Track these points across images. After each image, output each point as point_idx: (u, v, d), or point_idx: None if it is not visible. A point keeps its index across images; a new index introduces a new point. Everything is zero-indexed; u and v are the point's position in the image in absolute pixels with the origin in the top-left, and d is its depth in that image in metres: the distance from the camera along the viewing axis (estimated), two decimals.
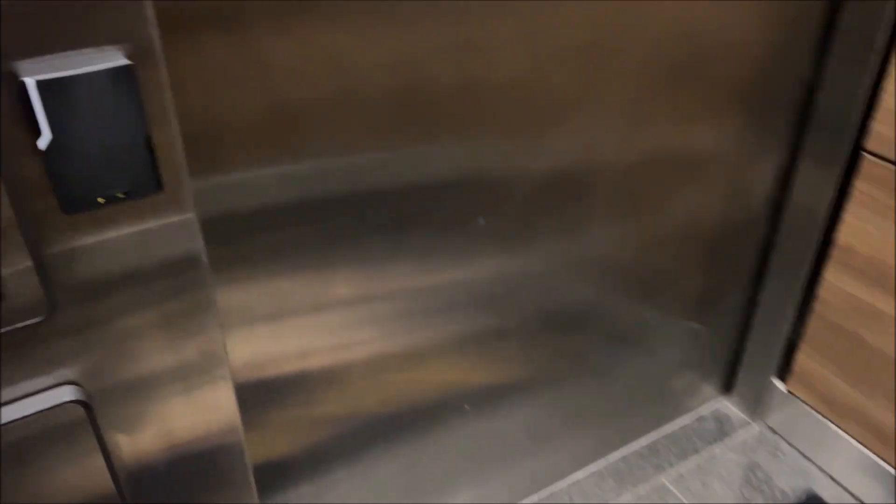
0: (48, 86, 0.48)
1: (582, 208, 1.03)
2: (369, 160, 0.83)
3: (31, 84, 0.48)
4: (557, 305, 1.11)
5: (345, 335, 0.94)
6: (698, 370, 1.41)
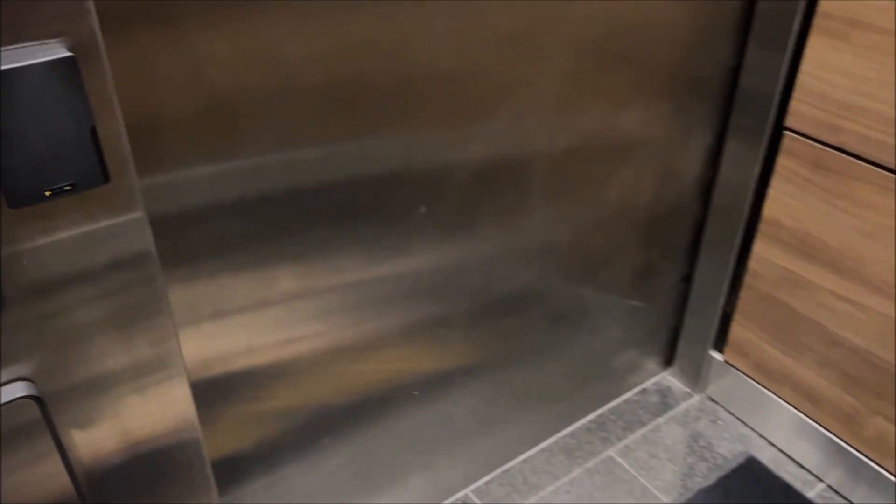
0: None
1: (519, 194, 1.06)
2: (308, 154, 0.83)
3: None
4: (500, 290, 1.13)
5: (291, 329, 0.94)
6: (640, 346, 1.46)
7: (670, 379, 1.56)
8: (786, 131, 1.17)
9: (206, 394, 0.91)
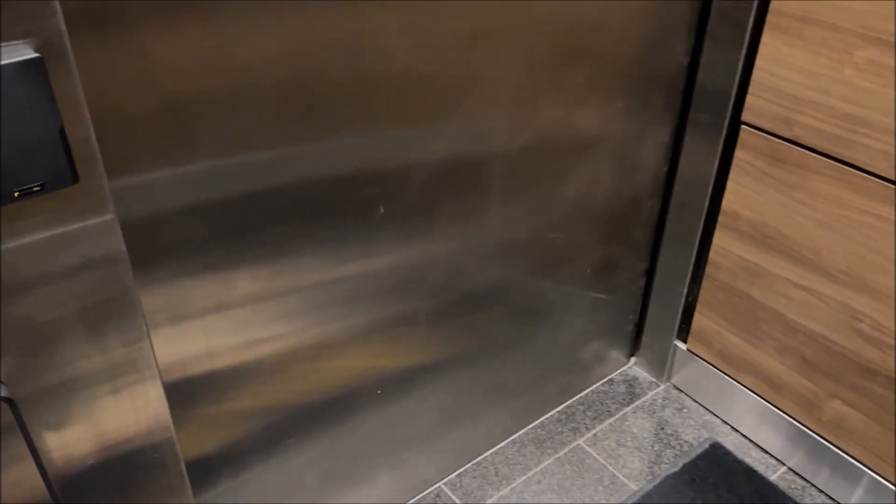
0: None
1: (480, 192, 1.06)
2: (265, 155, 0.82)
3: None
4: (465, 287, 1.14)
5: (253, 331, 0.93)
6: (606, 338, 1.49)
7: (636, 369, 1.59)
8: (743, 125, 1.20)
9: (170, 397, 0.90)
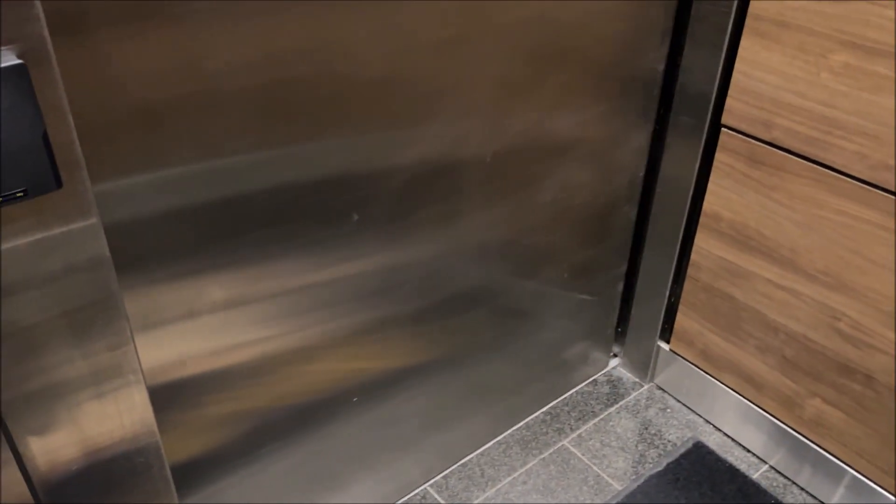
0: None
1: (459, 196, 1.06)
2: (238, 161, 0.81)
3: None
4: (448, 290, 1.14)
5: (227, 337, 0.92)
6: (590, 338, 1.50)
7: (620, 370, 1.60)
8: (723, 128, 1.22)
9: (154, 401, 0.89)
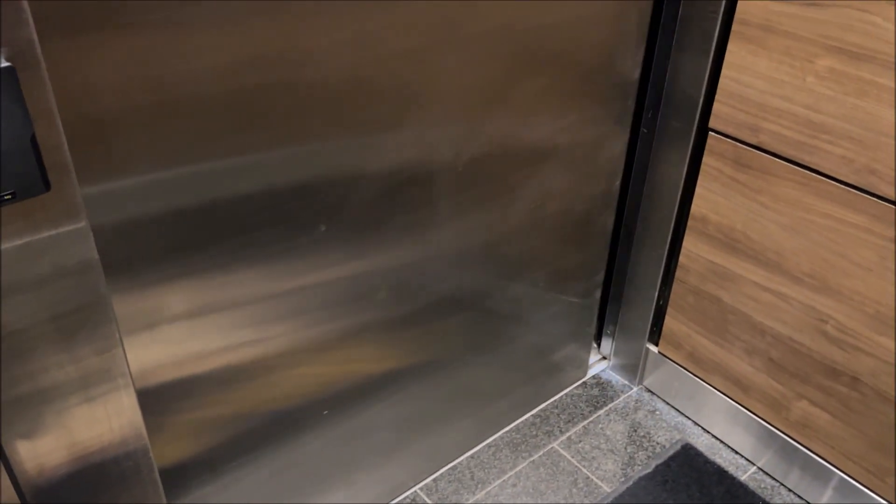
0: None
1: (434, 204, 1.05)
2: (203, 170, 0.80)
3: None
4: (431, 295, 1.14)
5: (191, 347, 0.91)
6: (579, 341, 1.51)
7: (609, 372, 1.61)
8: (710, 132, 1.23)
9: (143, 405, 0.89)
